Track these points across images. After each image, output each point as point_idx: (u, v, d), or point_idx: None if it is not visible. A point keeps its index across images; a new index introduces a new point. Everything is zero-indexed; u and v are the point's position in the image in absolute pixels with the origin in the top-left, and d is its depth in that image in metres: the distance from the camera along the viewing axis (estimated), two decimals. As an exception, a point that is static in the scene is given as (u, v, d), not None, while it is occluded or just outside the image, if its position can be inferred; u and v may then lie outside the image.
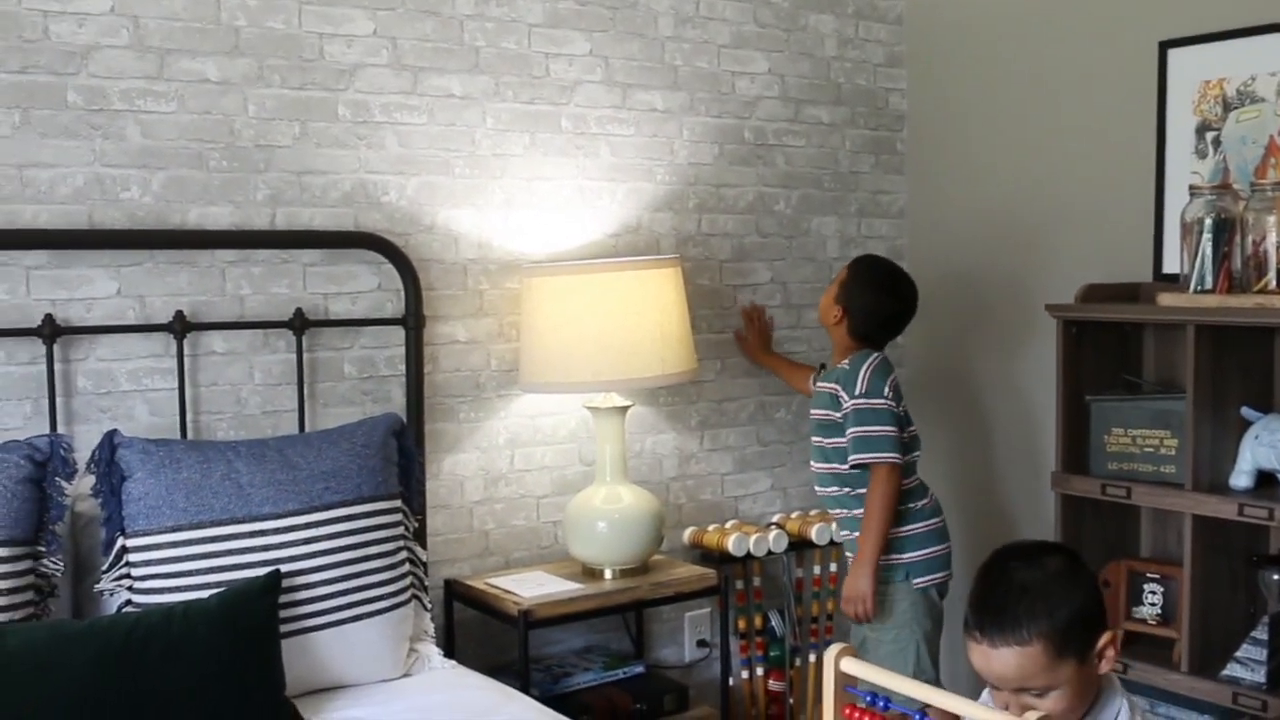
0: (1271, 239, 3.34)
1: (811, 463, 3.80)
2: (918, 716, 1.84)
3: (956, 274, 4.45)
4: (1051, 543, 2.42)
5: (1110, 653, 2.10)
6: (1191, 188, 3.53)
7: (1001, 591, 2.10)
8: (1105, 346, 3.75)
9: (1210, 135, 3.74)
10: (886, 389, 3.59)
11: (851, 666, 1.79)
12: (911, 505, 3.65)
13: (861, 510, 3.59)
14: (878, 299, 3.71)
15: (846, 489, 3.67)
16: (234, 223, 3.34)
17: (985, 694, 2.26)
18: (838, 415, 3.64)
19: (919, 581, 3.61)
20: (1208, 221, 3.40)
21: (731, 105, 4.20)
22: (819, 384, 3.78)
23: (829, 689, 1.80)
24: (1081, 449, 3.69)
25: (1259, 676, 3.31)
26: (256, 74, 3.35)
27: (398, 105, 3.56)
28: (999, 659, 2.05)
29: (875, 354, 3.67)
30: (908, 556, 3.62)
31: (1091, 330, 3.69)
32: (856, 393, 3.58)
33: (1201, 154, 3.76)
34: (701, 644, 4.18)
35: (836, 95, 4.45)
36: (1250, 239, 3.38)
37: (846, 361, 3.66)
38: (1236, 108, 3.68)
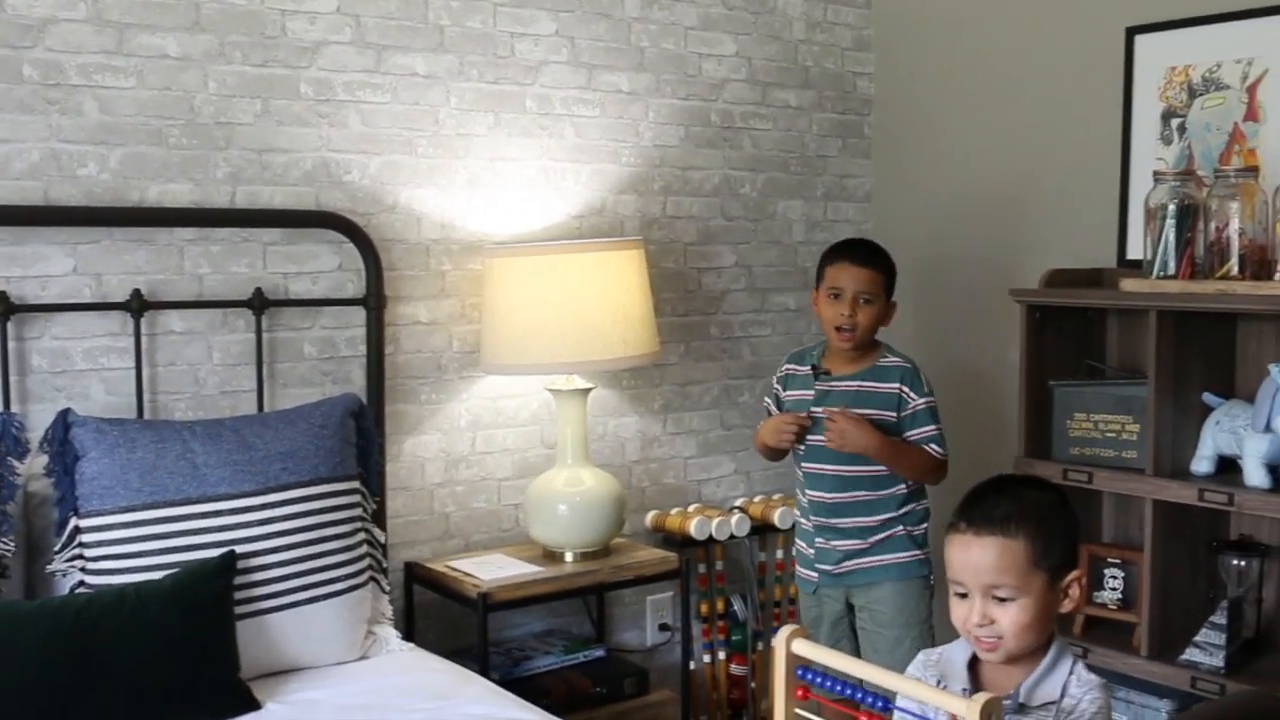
0: (1234, 226, 3.34)
1: (832, 466, 3.46)
2: (870, 698, 1.83)
3: (922, 258, 4.45)
4: (1046, 479, 2.54)
5: (1075, 591, 2.14)
6: (1156, 174, 3.52)
7: (995, 496, 2.17)
8: (1069, 332, 3.75)
9: (1175, 122, 3.74)
10: None
11: (803, 649, 1.78)
12: (924, 504, 3.57)
13: (889, 507, 3.47)
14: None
15: (880, 491, 3.47)
16: (193, 201, 3.31)
17: (916, 664, 2.26)
18: (894, 415, 3.45)
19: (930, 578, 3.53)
20: (1171, 207, 3.40)
21: (698, 87, 4.18)
22: (855, 383, 3.48)
23: (779, 671, 1.79)
24: (1044, 434, 3.69)
25: (1217, 661, 3.32)
26: (217, 50, 3.32)
27: (361, 84, 3.53)
28: (980, 546, 2.09)
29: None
30: (924, 553, 3.52)
31: (1055, 315, 3.69)
32: (926, 390, 3.47)
33: (1167, 140, 3.76)
34: (663, 628, 4.17)
35: (804, 79, 4.44)
36: (1213, 225, 3.38)
37: (895, 358, 3.51)
38: (1202, 94, 3.68)
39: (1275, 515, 3.24)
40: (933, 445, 3.46)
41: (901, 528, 3.48)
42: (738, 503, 4.28)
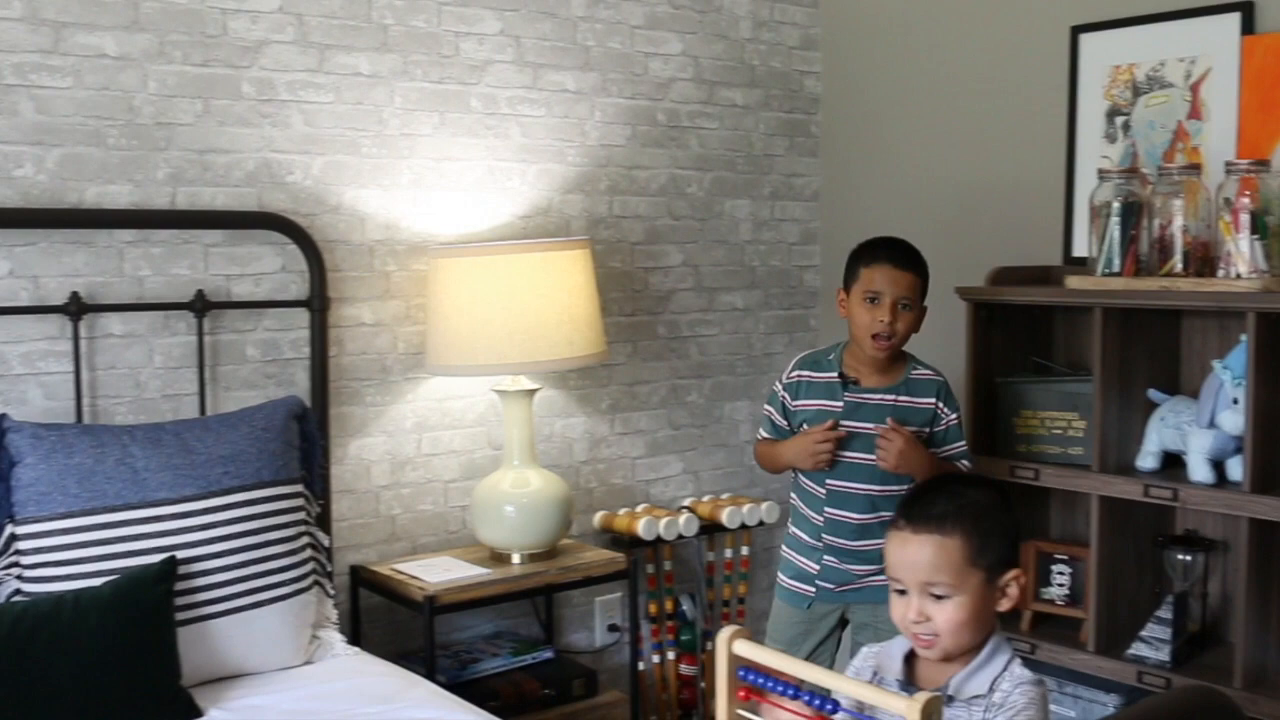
0: (1178, 223, 3.36)
1: (865, 485, 3.28)
2: (816, 700, 1.82)
3: (869, 257, 4.45)
4: (989, 478, 2.62)
5: (1013, 590, 2.15)
6: (1100, 171, 3.54)
7: (934, 494, 2.20)
8: (1015, 329, 3.76)
9: (1120, 120, 3.75)
10: None
11: (745, 649, 1.77)
12: None
13: None
14: None
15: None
16: (133, 202, 3.27)
17: (859, 659, 2.27)
18: (928, 431, 3.31)
19: None
20: (1116, 205, 3.42)
21: (644, 87, 4.17)
22: (891, 396, 3.31)
23: (722, 672, 1.78)
24: (991, 431, 3.71)
25: (1163, 655, 3.33)
26: (157, 50, 3.28)
27: (303, 83, 3.50)
28: (917, 544, 2.12)
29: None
30: None
31: (1002, 313, 3.70)
32: (956, 405, 3.36)
33: (1111, 138, 3.78)
34: (612, 628, 4.16)
35: (751, 78, 4.43)
36: (1157, 222, 3.40)
37: (925, 370, 3.36)
38: (1146, 93, 3.70)
39: (1219, 510, 3.25)
40: (964, 463, 3.35)
41: None
42: (686, 503, 4.27)
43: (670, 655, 4.19)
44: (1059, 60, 3.89)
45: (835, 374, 3.34)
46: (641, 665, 4.05)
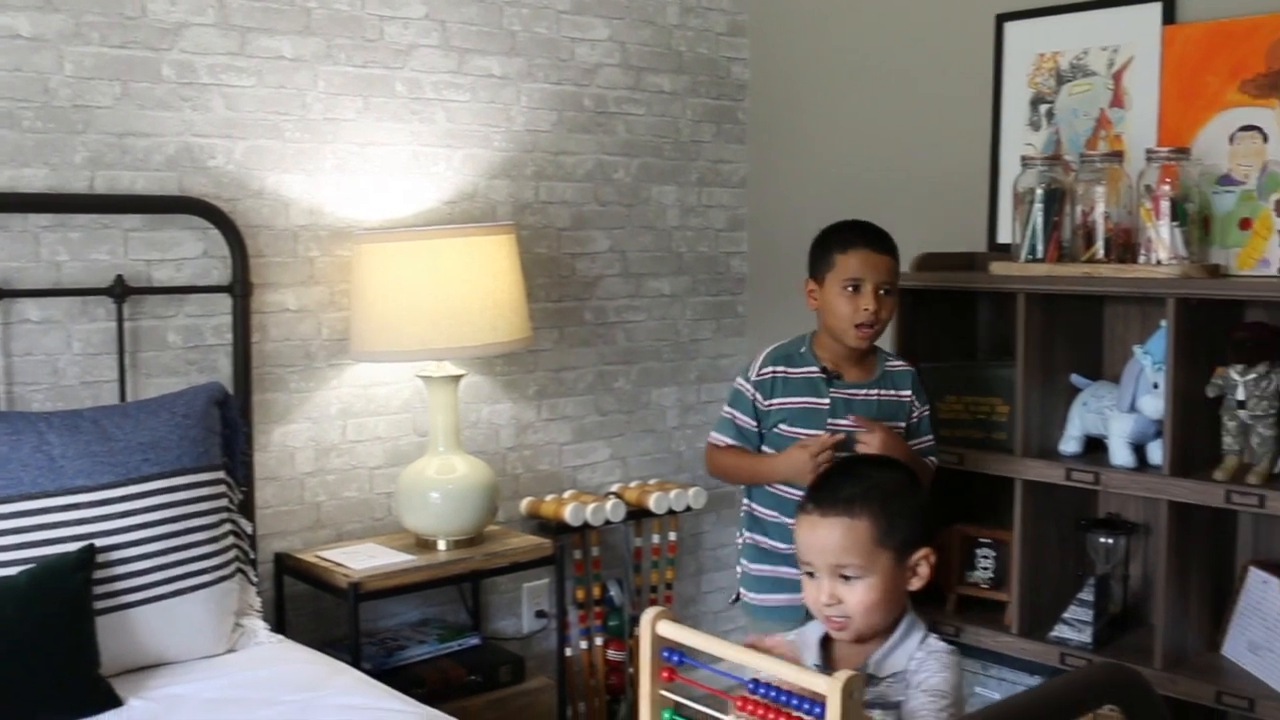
0: (1100, 209, 3.40)
1: None
2: (749, 684, 1.82)
3: (796, 243, 4.42)
4: (898, 460, 2.57)
5: (924, 569, 2.17)
6: (1024, 158, 3.57)
7: (842, 477, 2.21)
8: (940, 315, 3.78)
9: (1044, 108, 3.78)
10: None
11: (668, 630, 1.77)
12: None
13: None
14: None
15: None
16: (49, 186, 3.22)
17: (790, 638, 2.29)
18: (903, 425, 3.20)
19: None
20: (1039, 192, 3.45)
21: (571, 72, 4.15)
22: (876, 390, 3.19)
23: (645, 653, 1.78)
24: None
25: (1085, 637, 3.37)
26: (73, 31, 3.23)
27: (225, 66, 3.46)
28: (825, 527, 2.13)
29: None
30: None
31: (927, 299, 3.72)
32: (926, 398, 3.25)
33: (1035, 126, 3.80)
34: (540, 615, 4.15)
35: (678, 64, 4.43)
36: (1080, 209, 3.44)
37: (897, 361, 3.27)
38: (1069, 81, 3.73)
39: (1140, 493, 3.29)
40: (931, 458, 3.25)
41: None
42: (613, 488, 4.27)
43: (598, 641, 4.19)
44: (984, 48, 3.91)
45: (815, 369, 3.16)
46: (569, 651, 4.05)
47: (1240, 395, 3.14)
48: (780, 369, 3.18)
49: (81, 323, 3.27)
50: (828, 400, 3.13)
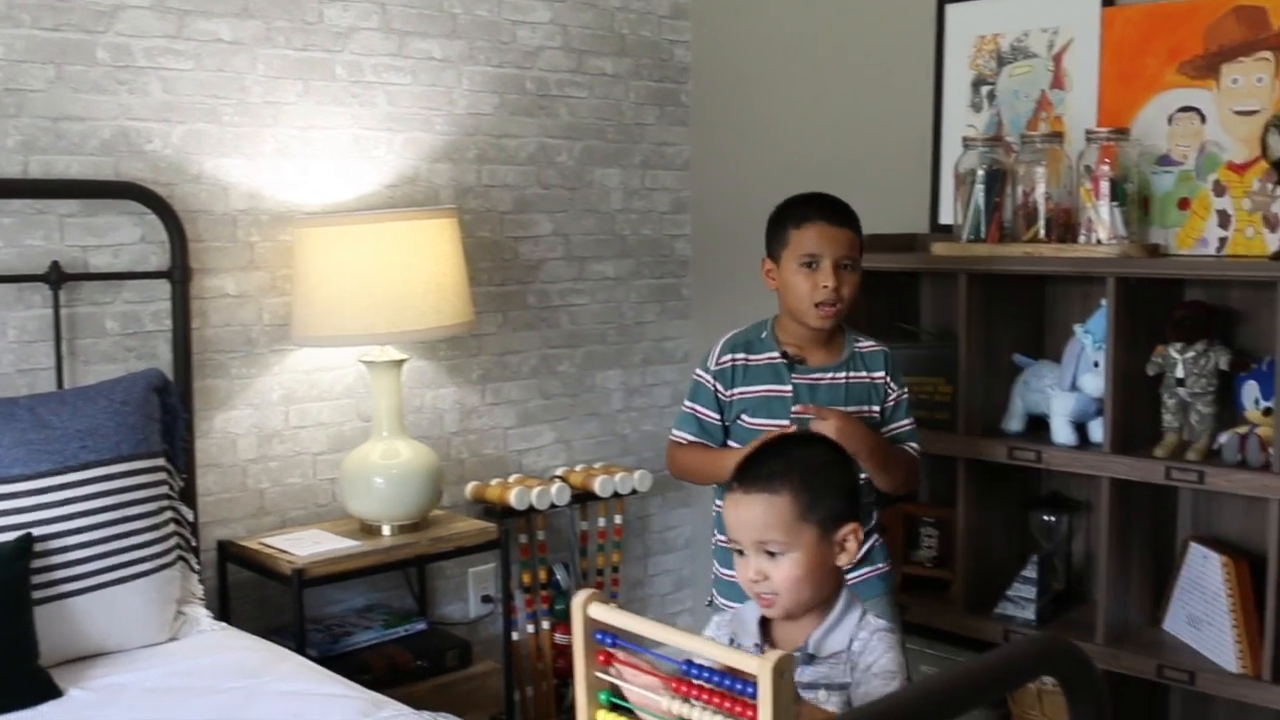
0: (1040, 190, 3.42)
1: None
2: (682, 666, 1.82)
3: (740, 225, 4.46)
4: (827, 437, 2.54)
5: (851, 544, 2.17)
6: (965, 140, 3.58)
7: (765, 456, 2.20)
8: (883, 295, 3.79)
9: (985, 89, 3.80)
10: None
11: (599, 612, 1.77)
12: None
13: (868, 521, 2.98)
14: None
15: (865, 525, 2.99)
16: (-18, 171, 3.18)
17: (711, 627, 2.29)
18: (877, 410, 2.99)
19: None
20: (980, 173, 3.47)
21: (512, 55, 4.13)
22: (843, 373, 2.98)
23: (578, 636, 1.78)
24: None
25: (1029, 614, 3.40)
26: (4, 13, 3.18)
27: (162, 50, 3.42)
28: (748, 503, 2.14)
29: None
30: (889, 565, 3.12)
31: (869, 279, 3.70)
32: (901, 380, 3.04)
33: (977, 107, 3.82)
34: (486, 599, 4.14)
35: (620, 46, 4.42)
36: (1020, 189, 3.46)
37: (867, 341, 3.04)
38: (1010, 62, 3.74)
39: (1082, 471, 3.32)
40: (912, 444, 3.03)
41: (876, 538, 3.04)
42: (558, 472, 4.26)
43: (545, 625, 4.18)
44: (925, 30, 3.92)
45: (776, 353, 2.96)
46: (516, 635, 4.04)
47: (1179, 373, 3.17)
48: (740, 356, 2.99)
49: (17, 310, 3.23)
50: (790, 387, 2.93)
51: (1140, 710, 3.40)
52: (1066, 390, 3.33)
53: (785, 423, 2.87)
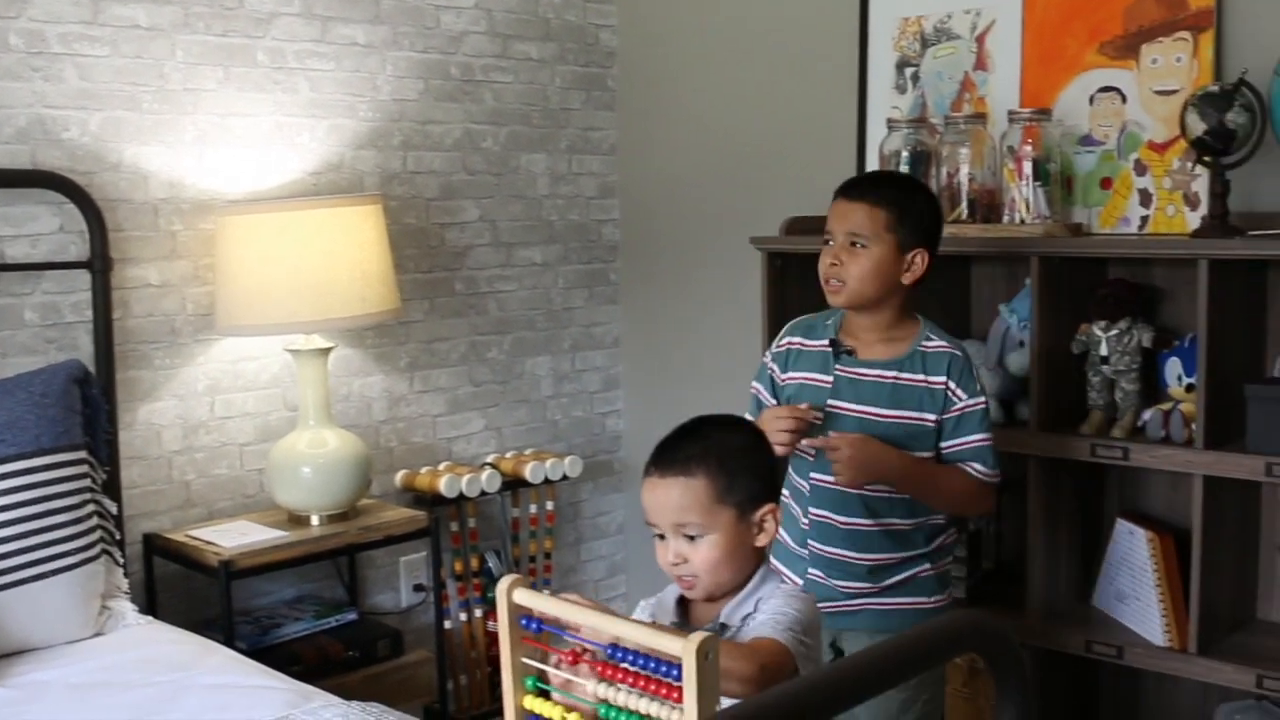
0: (964, 171, 3.43)
1: (825, 514, 2.77)
2: (606, 649, 1.81)
3: (667, 209, 4.47)
4: (744, 418, 2.50)
5: (769, 525, 2.17)
6: (890, 121, 3.60)
7: (681, 438, 2.19)
8: (809, 278, 3.75)
9: (909, 71, 3.81)
10: None
11: (524, 598, 1.76)
12: (953, 535, 2.90)
13: (918, 541, 2.77)
14: (942, 218, 2.86)
15: (914, 519, 2.76)
16: (-106, 161, 3.12)
17: (637, 612, 2.29)
18: (933, 419, 2.72)
19: None
20: (905, 154, 3.49)
21: (437, 40, 4.10)
22: (891, 372, 2.74)
23: (503, 622, 1.77)
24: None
25: (959, 592, 3.43)
26: (-84, 1, 3.13)
27: (77, 35, 3.37)
28: (664, 487, 2.13)
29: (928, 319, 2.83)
30: (948, 596, 2.87)
31: (796, 262, 3.72)
32: (978, 389, 2.74)
33: (901, 89, 3.83)
34: (418, 588, 4.11)
35: (545, 31, 4.39)
36: (945, 170, 3.47)
37: (939, 341, 2.76)
38: (934, 44, 3.76)
39: (1009, 449, 3.33)
40: (974, 465, 2.73)
41: (928, 565, 2.79)
42: (489, 459, 4.24)
43: (478, 613, 4.16)
44: (850, 12, 3.92)
45: (828, 340, 2.80)
46: (448, 624, 4.02)
47: (1103, 351, 3.19)
48: (798, 340, 2.86)
49: (-67, 302, 3.18)
50: (831, 378, 2.76)
51: (1071, 685, 3.42)
52: (992, 369, 3.35)
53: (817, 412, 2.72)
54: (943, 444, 2.72)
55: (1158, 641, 3.11)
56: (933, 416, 2.70)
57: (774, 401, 2.86)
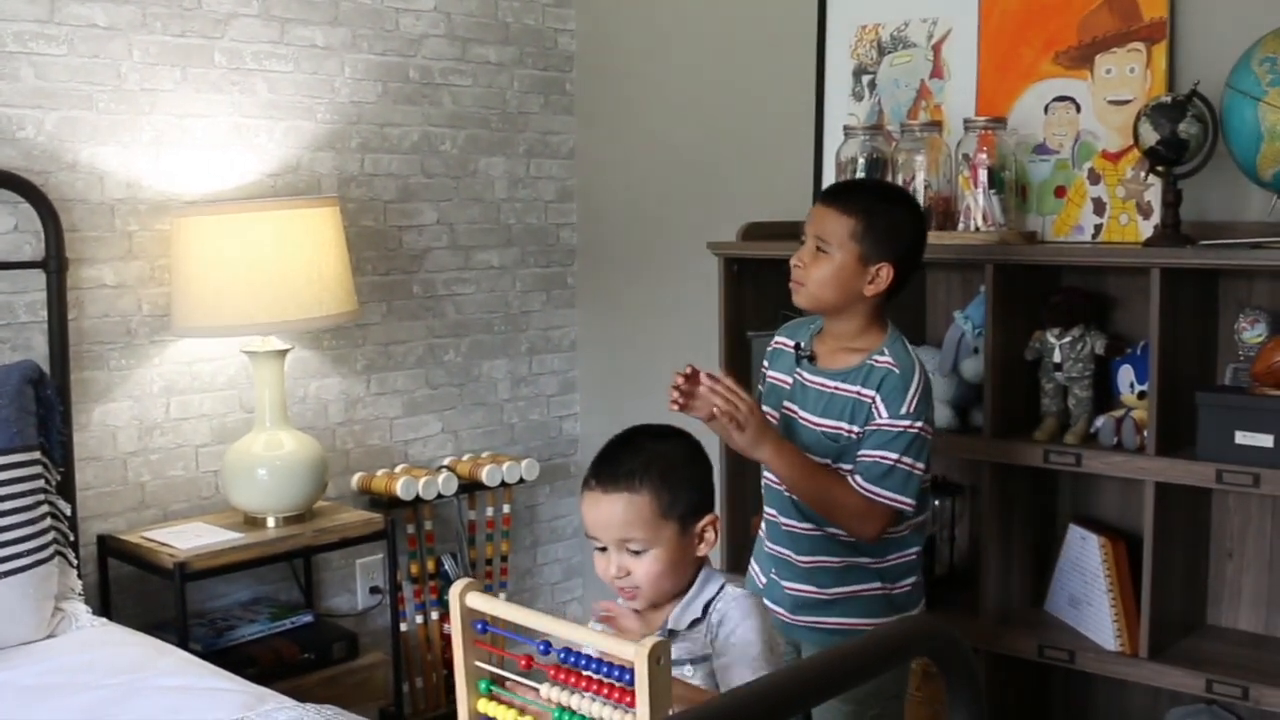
0: (920, 178, 3.45)
1: (774, 513, 2.81)
2: (560, 653, 1.82)
3: (625, 214, 4.48)
4: (680, 429, 2.37)
5: (710, 535, 2.18)
6: (846, 128, 3.62)
7: (621, 450, 2.19)
8: (766, 283, 3.81)
9: (867, 78, 3.83)
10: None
11: (476, 602, 1.77)
12: (912, 553, 2.78)
13: (861, 549, 2.71)
14: (922, 234, 2.81)
15: (852, 557, 2.72)
16: None
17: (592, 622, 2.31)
18: (856, 430, 2.66)
19: None
20: (861, 161, 3.51)
21: (396, 43, 4.10)
22: (833, 382, 2.71)
23: (456, 626, 1.78)
24: (744, 384, 3.69)
25: (911, 601, 3.44)
26: None
27: (33, 34, 3.35)
28: (608, 502, 2.13)
29: (900, 335, 2.76)
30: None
31: (753, 268, 3.74)
32: (905, 412, 2.62)
33: (858, 96, 3.85)
34: (374, 591, 4.11)
35: (504, 34, 4.40)
36: (901, 178, 3.49)
37: (887, 358, 2.67)
38: (891, 52, 3.78)
39: (963, 455, 3.36)
40: (859, 479, 2.62)
41: (878, 584, 2.72)
42: (445, 462, 4.24)
43: (434, 615, 4.16)
44: (807, 20, 3.94)
45: (796, 344, 2.81)
46: (405, 626, 4.02)
47: (1057, 358, 3.22)
48: (783, 340, 2.88)
49: (-114, 301, 3.16)
50: (791, 380, 2.80)
51: (1023, 689, 3.45)
52: (947, 375, 3.38)
53: (776, 414, 2.77)
54: (864, 453, 2.64)
55: (1109, 646, 3.14)
56: (856, 428, 2.65)
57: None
